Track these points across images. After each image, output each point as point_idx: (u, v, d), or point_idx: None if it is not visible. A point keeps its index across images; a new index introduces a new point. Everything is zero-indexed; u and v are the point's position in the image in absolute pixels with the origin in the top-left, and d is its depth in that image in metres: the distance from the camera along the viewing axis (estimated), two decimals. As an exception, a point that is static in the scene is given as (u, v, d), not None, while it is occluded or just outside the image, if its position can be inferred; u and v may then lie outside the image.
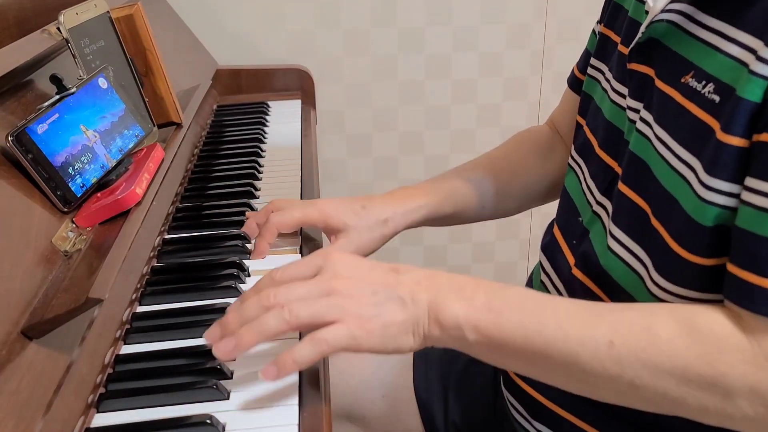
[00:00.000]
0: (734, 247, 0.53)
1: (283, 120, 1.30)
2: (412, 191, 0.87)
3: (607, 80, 0.74)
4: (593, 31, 0.85)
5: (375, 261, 0.62)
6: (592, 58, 0.80)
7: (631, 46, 0.66)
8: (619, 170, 0.67)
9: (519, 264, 1.81)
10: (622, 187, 0.65)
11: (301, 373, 0.63)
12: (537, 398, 0.75)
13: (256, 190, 0.99)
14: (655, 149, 0.61)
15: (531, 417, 0.75)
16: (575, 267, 0.72)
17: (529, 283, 0.84)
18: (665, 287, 0.59)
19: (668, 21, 0.62)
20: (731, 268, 0.53)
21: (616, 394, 0.56)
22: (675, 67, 0.60)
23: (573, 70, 0.89)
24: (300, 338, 0.60)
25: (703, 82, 0.57)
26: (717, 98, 0.55)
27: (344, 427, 0.94)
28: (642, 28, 0.64)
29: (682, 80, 0.59)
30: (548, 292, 0.77)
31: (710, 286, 0.57)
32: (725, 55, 0.55)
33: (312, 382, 0.62)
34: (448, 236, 1.74)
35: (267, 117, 1.31)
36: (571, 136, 0.87)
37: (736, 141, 0.53)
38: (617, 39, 0.75)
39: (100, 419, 0.58)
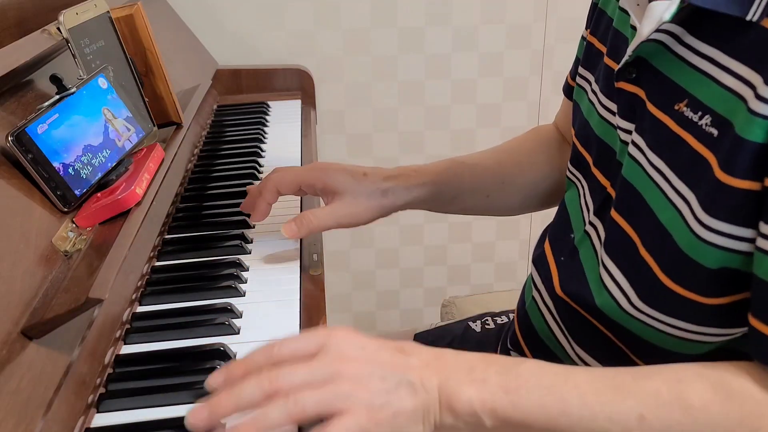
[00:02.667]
0: (756, 301, 0.51)
1: (283, 120, 1.30)
2: (418, 169, 0.84)
3: (594, 92, 0.72)
4: (582, 37, 0.83)
5: (380, 339, 0.56)
6: (579, 67, 0.79)
7: (619, 66, 0.64)
8: (612, 192, 0.66)
9: (519, 264, 1.81)
10: (614, 214, 0.63)
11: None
12: None
13: (256, 190, 0.99)
14: (650, 177, 0.59)
15: None
16: (559, 287, 0.71)
17: (522, 298, 0.83)
18: (649, 313, 0.58)
19: (656, 41, 0.59)
20: (755, 323, 0.51)
21: None
22: (667, 92, 0.58)
23: (567, 78, 0.88)
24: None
25: (699, 113, 0.54)
26: (715, 132, 0.53)
27: None
28: (629, 51, 0.62)
29: (676, 107, 0.56)
30: (539, 309, 0.76)
31: (708, 321, 0.55)
32: (720, 86, 0.53)
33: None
34: (448, 236, 1.74)
35: (267, 117, 1.31)
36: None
37: (739, 183, 0.50)
38: (603, 48, 0.73)
39: (100, 419, 0.58)
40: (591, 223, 0.69)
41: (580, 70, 0.79)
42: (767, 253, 0.49)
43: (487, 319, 0.99)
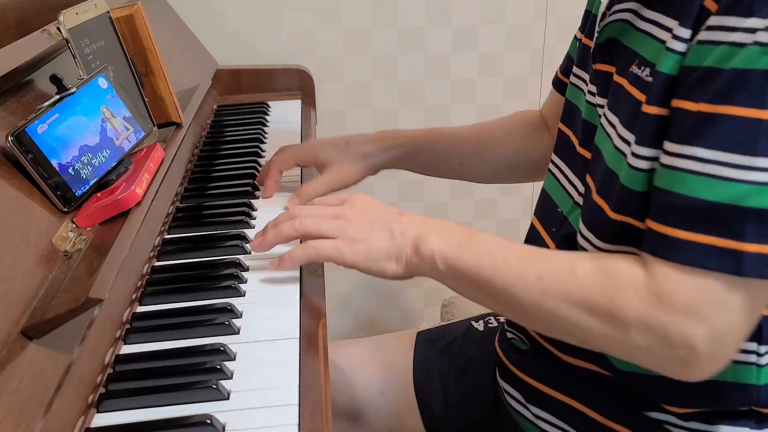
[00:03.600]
0: (652, 204, 0.60)
1: (283, 120, 1.30)
2: (396, 134, 0.97)
3: (586, 83, 0.78)
4: (575, 36, 0.89)
5: (391, 206, 0.75)
6: (575, 67, 0.82)
7: (593, 48, 0.73)
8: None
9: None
10: (587, 177, 0.72)
11: (300, 373, 0.63)
12: (530, 383, 0.79)
13: (256, 190, 0.99)
14: (607, 134, 0.68)
15: (526, 402, 0.79)
16: (555, 249, 0.77)
17: None
18: (597, 245, 0.68)
19: (621, 20, 0.69)
20: (649, 223, 0.60)
21: (542, 323, 0.65)
22: (625, 59, 0.67)
23: (557, 72, 0.95)
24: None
25: (642, 68, 0.64)
26: (651, 80, 0.62)
27: (344, 425, 0.94)
28: (597, 29, 0.72)
29: (630, 69, 0.66)
30: None
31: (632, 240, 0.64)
32: (657, 41, 0.63)
33: (312, 382, 0.62)
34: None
35: (267, 117, 1.31)
36: (555, 130, 0.91)
37: (657, 110, 0.60)
38: (589, 43, 0.77)
39: (100, 419, 0.58)
40: (581, 194, 0.75)
41: (575, 69, 0.82)
42: (665, 166, 0.58)
43: (489, 319, 0.99)
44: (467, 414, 0.90)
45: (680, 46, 0.59)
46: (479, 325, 0.99)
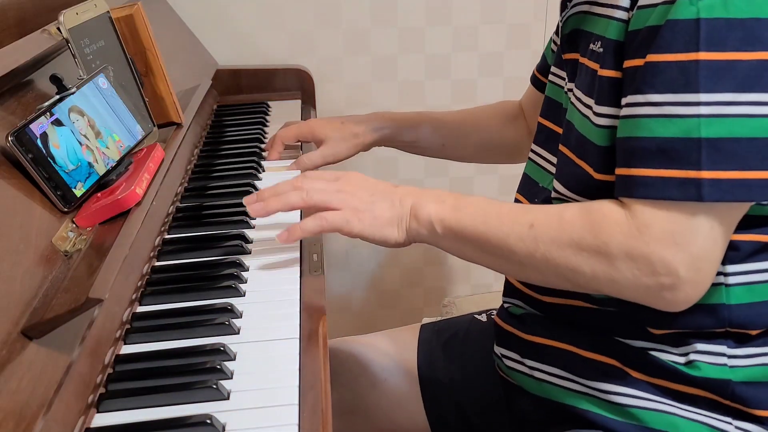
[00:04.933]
0: (618, 154, 0.67)
1: (283, 120, 1.30)
2: (386, 116, 1.10)
3: (565, 80, 0.84)
4: (551, 39, 0.99)
5: (380, 181, 0.79)
6: (553, 66, 0.89)
7: (560, 40, 0.82)
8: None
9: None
10: (560, 147, 0.78)
11: (300, 373, 0.63)
12: (524, 337, 0.84)
13: (256, 190, 0.99)
14: (576, 108, 0.75)
15: (522, 358, 0.83)
16: None
17: None
18: (575, 198, 0.74)
19: (581, 12, 0.78)
20: (617, 171, 0.67)
21: (536, 271, 0.70)
22: (586, 42, 0.75)
23: (534, 72, 1.05)
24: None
25: (597, 43, 0.73)
26: (601, 50, 0.71)
27: (347, 420, 0.95)
28: (560, 22, 0.82)
29: (588, 48, 0.74)
30: None
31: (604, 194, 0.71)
32: (607, 18, 0.71)
33: (312, 382, 0.62)
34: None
35: (267, 117, 1.31)
36: (532, 121, 1.05)
37: (608, 73, 0.69)
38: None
39: (100, 419, 0.58)
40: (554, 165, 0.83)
41: (554, 69, 0.88)
42: (624, 117, 0.66)
43: (492, 312, 1.00)
44: (471, 399, 0.91)
45: (622, 15, 0.68)
46: (482, 317, 1.01)
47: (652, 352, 0.74)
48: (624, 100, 0.66)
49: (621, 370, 0.75)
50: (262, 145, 1.17)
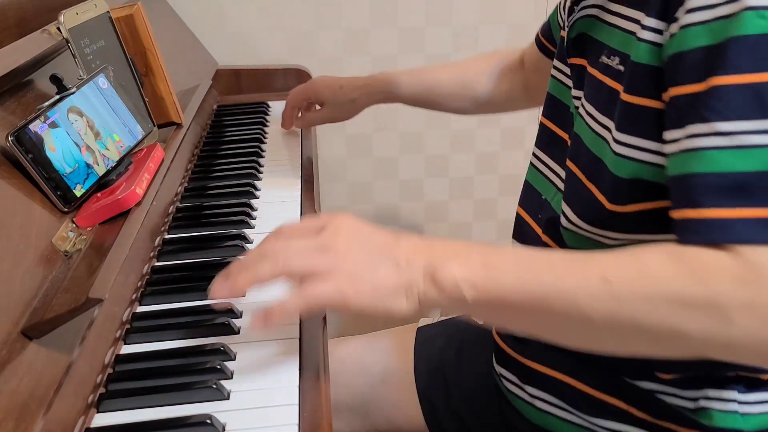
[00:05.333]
0: (672, 197, 0.57)
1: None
2: (382, 81, 1.14)
3: (568, 77, 0.81)
4: (556, 6, 0.94)
5: (378, 227, 0.62)
6: (555, 60, 0.84)
7: (566, 43, 0.77)
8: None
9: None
10: (568, 163, 0.72)
11: (300, 372, 0.63)
12: (525, 363, 0.80)
13: (256, 190, 0.99)
14: (587, 125, 0.69)
15: (522, 383, 0.81)
16: (544, 234, 0.79)
17: None
18: (604, 234, 0.67)
19: (590, 15, 0.73)
20: (674, 213, 0.56)
21: (617, 337, 0.56)
22: (596, 52, 0.70)
23: (537, 34, 1.03)
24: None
25: (611, 57, 0.66)
26: (622, 68, 0.64)
27: (345, 420, 0.95)
28: (566, 25, 0.76)
29: (600, 60, 0.68)
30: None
31: (638, 228, 0.65)
32: (624, 31, 0.66)
33: (312, 382, 0.62)
34: (448, 234, 1.74)
35: (267, 117, 1.31)
36: (531, 77, 1.07)
37: (638, 100, 0.61)
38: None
39: (100, 419, 0.58)
40: (560, 178, 0.78)
41: (556, 62, 0.84)
42: (679, 152, 0.57)
43: None
44: (467, 402, 0.91)
45: (652, 36, 0.60)
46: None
47: (660, 395, 0.71)
48: (673, 134, 0.57)
49: (626, 412, 0.72)
50: (263, 145, 1.17)
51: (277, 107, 1.37)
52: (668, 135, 0.58)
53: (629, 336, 0.55)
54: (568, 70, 0.80)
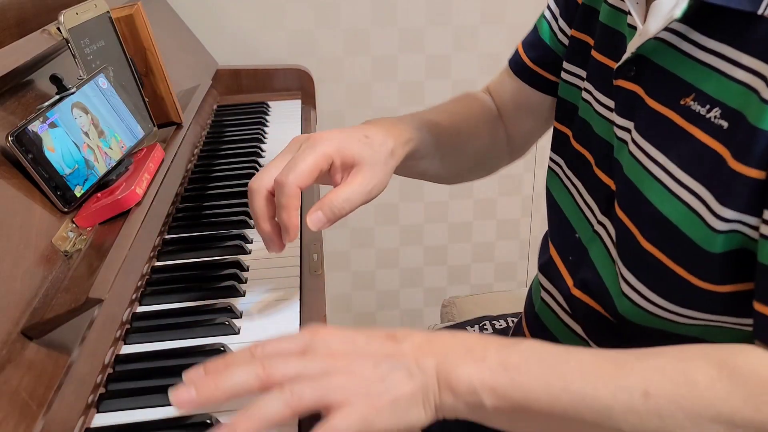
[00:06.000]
0: (759, 286, 0.51)
1: (283, 120, 1.30)
2: (398, 123, 0.76)
3: (588, 91, 0.72)
4: (543, 17, 0.85)
5: (367, 330, 0.54)
6: (566, 63, 0.78)
7: (619, 64, 0.64)
8: (614, 188, 0.66)
9: (519, 264, 1.81)
10: (618, 212, 0.63)
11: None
12: None
13: (256, 190, 0.99)
14: (649, 171, 0.59)
15: None
16: (574, 287, 0.71)
17: (530, 300, 0.83)
18: (672, 309, 0.58)
19: (657, 38, 0.60)
20: (759, 307, 0.51)
21: None
22: (670, 88, 0.58)
23: (521, 58, 0.85)
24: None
25: (707, 106, 0.55)
26: (725, 124, 0.53)
27: None
28: (631, 49, 0.62)
29: (682, 102, 0.57)
30: (552, 311, 0.76)
31: (727, 310, 0.56)
32: (730, 79, 0.53)
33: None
34: (448, 236, 1.74)
35: (267, 117, 1.31)
36: (514, 124, 0.86)
37: (753, 173, 0.51)
38: (590, 41, 0.73)
39: (100, 419, 0.58)
40: (600, 223, 0.68)
41: (567, 65, 0.78)
42: (763, 237, 0.50)
43: (485, 323, 0.99)
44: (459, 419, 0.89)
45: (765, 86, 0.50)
46: (473, 331, 0.99)
47: None
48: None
49: None
50: (263, 146, 1.17)
51: (277, 107, 1.37)
52: (766, 214, 0.50)
53: None
54: (582, 73, 0.74)
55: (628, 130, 0.63)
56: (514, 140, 0.89)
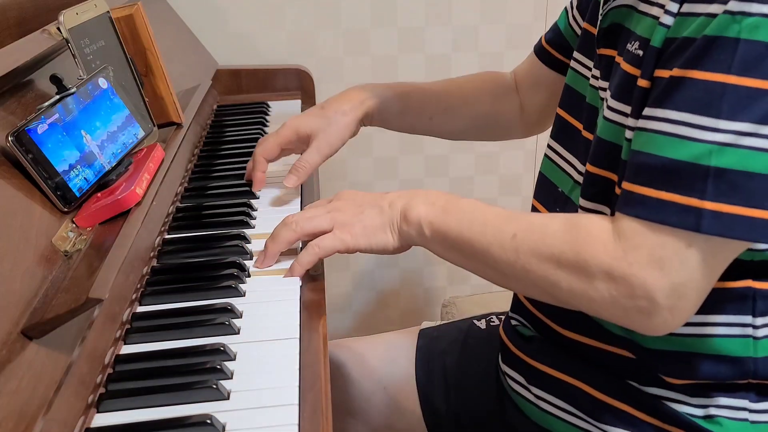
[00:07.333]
0: (627, 167, 0.63)
1: (283, 120, 1.29)
2: (368, 87, 1.00)
3: (590, 69, 0.79)
4: (565, 9, 0.94)
5: (372, 193, 0.78)
6: (576, 52, 0.83)
7: (597, 33, 0.75)
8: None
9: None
10: (589, 167, 0.73)
11: (300, 373, 0.63)
12: (532, 365, 0.80)
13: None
14: (607, 119, 0.70)
15: (528, 383, 0.81)
16: None
17: None
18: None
19: (624, 5, 0.71)
20: (622, 183, 0.63)
21: (516, 281, 0.69)
22: (625, 41, 0.69)
23: (541, 38, 0.99)
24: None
25: (633, 42, 0.67)
26: (641, 52, 0.65)
27: (345, 422, 0.95)
28: (600, 14, 0.74)
29: (628, 47, 0.68)
30: None
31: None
32: (651, 17, 0.65)
33: (312, 382, 0.62)
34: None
35: (267, 117, 1.31)
36: (526, 96, 1.01)
37: (645, 83, 0.64)
38: (593, 30, 0.79)
39: (100, 419, 0.58)
40: (580, 173, 0.78)
41: (577, 55, 0.83)
42: (639, 129, 0.62)
43: (492, 318, 1.00)
44: (469, 407, 0.91)
45: (669, 20, 0.62)
46: (481, 324, 0.99)
47: (668, 402, 0.71)
48: (645, 111, 0.63)
49: (634, 417, 0.72)
50: (262, 145, 1.17)
51: (276, 107, 1.37)
52: (645, 111, 0.62)
53: (525, 281, 0.67)
54: (590, 62, 0.79)
55: (605, 89, 0.73)
56: (528, 112, 1.03)
